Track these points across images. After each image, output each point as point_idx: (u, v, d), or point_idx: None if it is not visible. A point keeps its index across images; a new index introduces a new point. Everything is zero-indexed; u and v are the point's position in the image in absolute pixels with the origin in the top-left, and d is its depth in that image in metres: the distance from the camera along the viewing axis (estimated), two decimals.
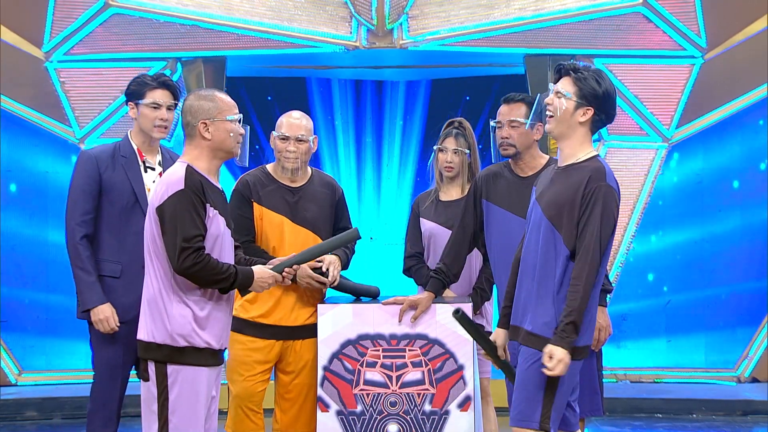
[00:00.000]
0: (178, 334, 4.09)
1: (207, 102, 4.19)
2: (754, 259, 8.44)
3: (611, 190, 4.04)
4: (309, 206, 5.10)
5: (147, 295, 4.16)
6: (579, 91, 4.09)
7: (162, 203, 4.08)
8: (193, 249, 4.03)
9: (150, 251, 4.15)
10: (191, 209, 4.06)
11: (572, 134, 4.12)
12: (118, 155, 4.92)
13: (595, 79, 4.09)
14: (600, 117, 4.12)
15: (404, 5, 8.17)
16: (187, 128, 4.19)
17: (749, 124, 8.43)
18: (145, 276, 4.19)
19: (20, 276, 8.26)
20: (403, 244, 5.70)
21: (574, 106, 4.09)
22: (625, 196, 8.30)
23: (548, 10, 8.22)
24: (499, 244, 4.86)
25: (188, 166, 4.14)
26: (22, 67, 8.19)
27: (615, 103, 4.14)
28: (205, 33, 8.18)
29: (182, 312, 4.10)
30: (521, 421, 4.07)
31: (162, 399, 4.11)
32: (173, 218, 4.05)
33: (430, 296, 4.87)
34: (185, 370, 4.11)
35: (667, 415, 7.93)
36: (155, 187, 4.20)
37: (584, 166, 4.09)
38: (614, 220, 4.04)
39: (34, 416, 7.83)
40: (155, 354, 4.12)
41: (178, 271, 4.06)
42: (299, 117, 5.14)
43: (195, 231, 4.06)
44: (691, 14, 8.30)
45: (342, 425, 4.85)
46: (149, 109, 4.91)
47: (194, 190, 4.08)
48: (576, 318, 3.97)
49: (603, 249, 4.02)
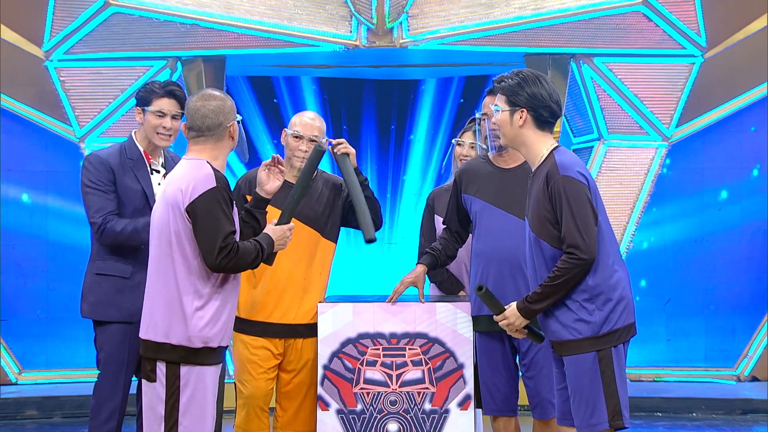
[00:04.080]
0: (197, 336, 4.07)
1: (230, 102, 4.22)
2: (753, 258, 8.44)
3: (568, 179, 4.07)
4: (312, 204, 5.11)
5: (163, 295, 4.10)
6: (506, 98, 4.23)
7: (193, 201, 4.03)
8: (230, 247, 4.03)
9: (171, 250, 4.07)
10: (224, 206, 4.06)
11: (523, 140, 4.23)
12: (125, 158, 4.94)
13: (518, 83, 4.20)
14: (538, 114, 4.18)
15: (404, 4, 8.17)
16: (218, 129, 4.16)
17: (749, 123, 8.44)
18: (157, 274, 4.13)
19: (20, 275, 8.26)
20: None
21: (508, 115, 4.21)
22: (625, 194, 8.32)
23: (548, 9, 8.22)
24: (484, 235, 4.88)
25: (209, 163, 4.13)
26: (22, 66, 8.18)
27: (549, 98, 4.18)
28: (205, 32, 8.17)
29: (201, 314, 4.08)
30: (590, 427, 4.07)
31: (172, 401, 4.07)
32: (209, 217, 4.02)
33: (423, 269, 4.97)
34: (198, 370, 4.09)
35: (667, 413, 7.94)
36: (173, 185, 4.12)
37: (542, 169, 4.17)
38: (586, 203, 4.06)
39: (34, 415, 7.84)
40: (169, 355, 4.08)
41: (215, 268, 4.05)
42: (314, 117, 5.18)
43: (230, 228, 4.06)
44: (691, 13, 8.30)
45: (342, 424, 4.86)
46: (154, 116, 4.93)
47: (225, 188, 4.09)
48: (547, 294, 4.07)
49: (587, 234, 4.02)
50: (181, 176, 4.13)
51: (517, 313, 4.21)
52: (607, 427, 4.05)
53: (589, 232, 4.02)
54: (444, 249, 5.02)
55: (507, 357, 4.88)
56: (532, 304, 4.14)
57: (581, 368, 4.06)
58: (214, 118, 4.15)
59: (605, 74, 8.30)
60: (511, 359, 4.90)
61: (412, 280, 4.95)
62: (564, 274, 4.02)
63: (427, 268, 4.98)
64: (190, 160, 4.17)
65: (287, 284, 5.05)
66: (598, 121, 8.35)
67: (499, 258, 4.81)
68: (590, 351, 4.05)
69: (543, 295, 4.10)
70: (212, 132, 4.16)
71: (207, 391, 4.12)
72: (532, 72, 4.24)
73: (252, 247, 4.14)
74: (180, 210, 4.05)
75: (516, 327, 4.25)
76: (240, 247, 4.08)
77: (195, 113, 4.17)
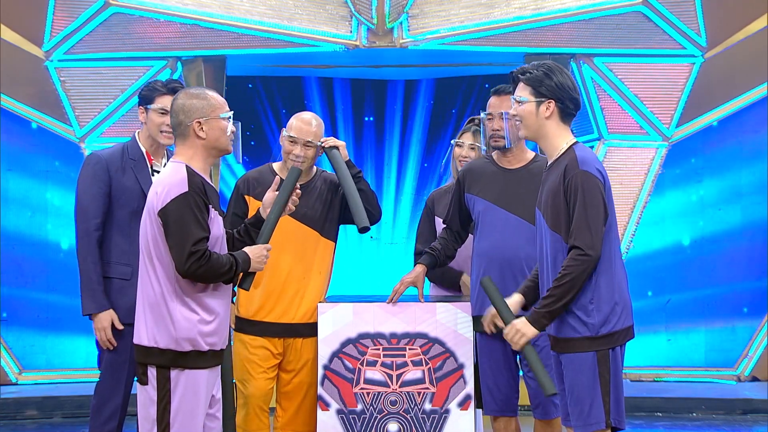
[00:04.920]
0: (184, 338, 4.04)
1: (199, 101, 4.12)
2: (754, 258, 8.44)
3: (587, 175, 4.04)
4: (311, 203, 5.10)
5: (148, 299, 4.07)
6: (531, 89, 4.16)
7: (165, 206, 3.99)
8: (200, 253, 3.97)
9: (151, 254, 4.05)
10: (196, 212, 3.99)
11: (545, 132, 4.18)
12: (126, 158, 4.93)
13: (544, 73, 4.16)
14: (565, 106, 4.16)
15: (404, 4, 8.17)
16: (180, 128, 4.11)
17: (749, 123, 8.43)
18: (142, 279, 4.10)
19: (20, 275, 8.26)
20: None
21: (534, 106, 4.16)
22: (625, 194, 8.31)
23: (548, 9, 8.22)
24: (487, 235, 4.88)
25: (187, 166, 4.07)
26: (23, 66, 8.19)
27: (574, 89, 4.17)
28: (205, 32, 8.18)
29: (187, 316, 4.04)
30: (586, 426, 4.06)
31: (164, 404, 4.06)
32: (179, 222, 3.98)
33: (423, 269, 4.96)
34: (188, 374, 4.06)
35: (667, 413, 7.94)
36: (152, 189, 4.10)
37: (560, 161, 4.13)
38: (600, 201, 4.04)
39: (34, 415, 7.83)
40: (158, 359, 4.06)
41: (184, 274, 3.99)
42: (310, 121, 5.11)
43: (201, 233, 3.99)
44: (691, 13, 8.30)
45: (342, 424, 4.86)
46: (157, 114, 4.93)
47: (198, 192, 4.01)
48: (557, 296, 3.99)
49: (595, 233, 4.01)
50: (159, 180, 4.12)
51: (527, 323, 4.08)
52: (603, 427, 4.05)
53: (597, 230, 4.01)
54: (443, 249, 5.02)
55: (508, 357, 4.88)
56: (543, 309, 4.04)
57: (578, 368, 4.05)
58: (177, 116, 4.12)
59: (605, 74, 8.30)
60: (511, 359, 4.90)
61: (412, 280, 4.95)
62: (570, 273, 3.99)
63: (427, 268, 4.98)
64: (171, 163, 4.15)
65: (287, 284, 5.05)
66: (598, 121, 8.35)
67: (501, 258, 4.81)
68: (588, 351, 4.04)
69: (553, 298, 4.03)
70: (176, 131, 4.14)
71: (199, 395, 4.09)
72: (555, 63, 4.21)
73: (226, 260, 4.06)
74: (154, 214, 4.03)
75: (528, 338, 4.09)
76: (213, 255, 4.01)
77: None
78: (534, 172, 4.86)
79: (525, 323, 4.08)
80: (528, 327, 4.08)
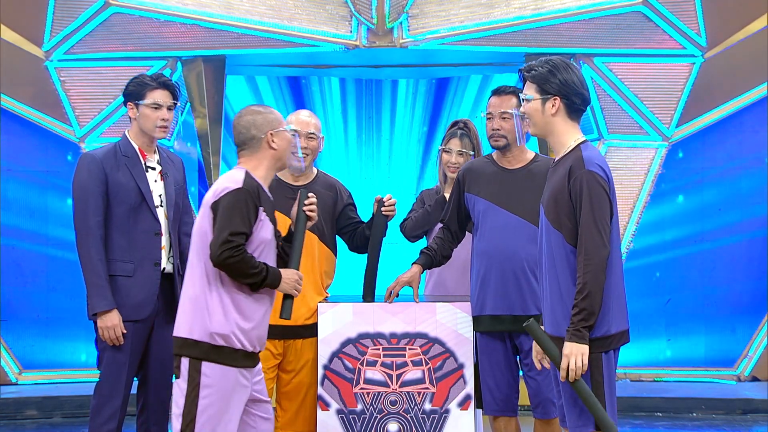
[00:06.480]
0: (218, 333, 4.15)
1: (270, 114, 4.37)
2: (753, 258, 8.44)
3: (592, 174, 4.03)
4: None
5: (189, 293, 4.21)
6: (537, 87, 4.16)
7: (217, 199, 4.18)
8: (234, 244, 4.11)
9: (198, 248, 4.21)
10: (244, 208, 4.16)
11: (552, 128, 4.16)
12: (120, 155, 4.92)
13: (549, 70, 4.15)
14: (571, 102, 4.14)
15: (404, 4, 8.17)
16: (252, 141, 4.31)
17: (749, 123, 8.43)
18: (190, 273, 4.24)
19: (20, 275, 8.26)
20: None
21: (540, 104, 4.15)
22: (625, 195, 8.31)
23: (548, 9, 8.23)
24: (487, 235, 4.87)
25: (247, 171, 4.27)
26: (22, 66, 8.19)
27: (581, 85, 4.15)
28: (205, 32, 8.18)
29: (224, 313, 4.17)
30: (578, 428, 4.04)
31: (192, 396, 4.14)
32: (226, 211, 4.14)
33: (419, 269, 4.96)
34: (219, 369, 4.15)
35: (667, 413, 7.94)
36: (212, 189, 4.27)
37: (566, 159, 4.12)
38: (606, 201, 4.03)
39: (34, 415, 7.83)
40: (191, 350, 4.16)
41: (214, 261, 4.12)
42: (309, 115, 5.22)
43: (242, 228, 4.15)
44: (691, 13, 8.30)
45: (342, 424, 4.86)
46: (150, 109, 4.91)
47: (250, 191, 4.19)
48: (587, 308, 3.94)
49: (604, 232, 4.00)
50: (219, 179, 4.35)
51: (570, 345, 3.96)
52: (592, 429, 4.04)
53: (605, 228, 4.00)
54: (440, 249, 5.01)
55: (508, 357, 4.88)
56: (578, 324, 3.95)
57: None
58: (246, 133, 4.33)
59: (605, 74, 8.31)
60: (512, 359, 4.90)
61: (408, 279, 4.94)
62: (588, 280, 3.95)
63: (423, 268, 4.98)
64: (235, 169, 4.36)
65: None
66: (598, 121, 8.35)
67: (501, 258, 4.81)
68: None
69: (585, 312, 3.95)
70: (247, 145, 4.34)
71: (229, 392, 4.17)
72: (562, 59, 4.21)
73: (258, 264, 4.20)
74: (207, 208, 4.21)
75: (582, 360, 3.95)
76: (247, 254, 4.16)
77: (233, 130, 4.39)
78: (534, 172, 4.86)
79: (571, 346, 3.97)
80: (576, 346, 3.97)
